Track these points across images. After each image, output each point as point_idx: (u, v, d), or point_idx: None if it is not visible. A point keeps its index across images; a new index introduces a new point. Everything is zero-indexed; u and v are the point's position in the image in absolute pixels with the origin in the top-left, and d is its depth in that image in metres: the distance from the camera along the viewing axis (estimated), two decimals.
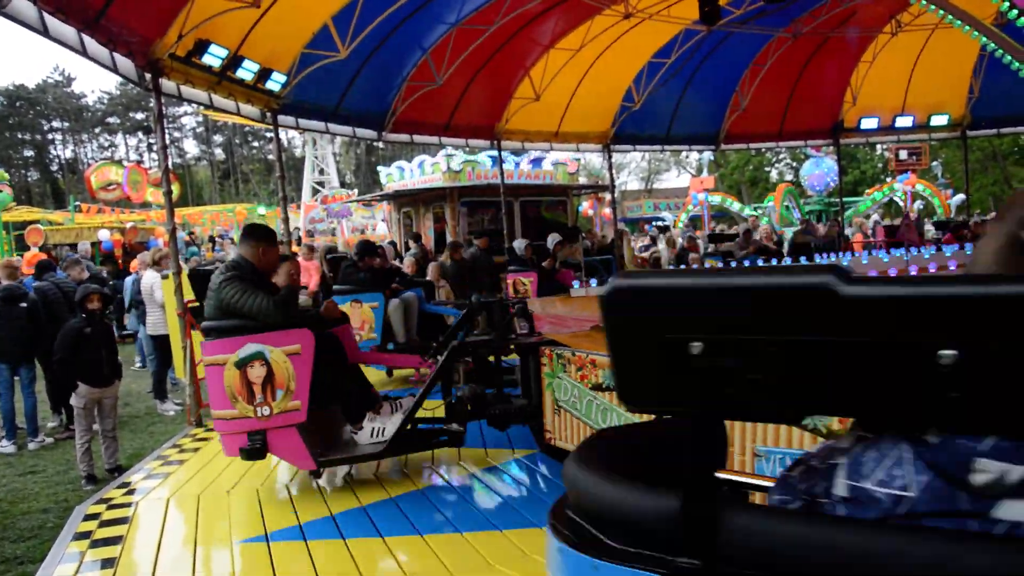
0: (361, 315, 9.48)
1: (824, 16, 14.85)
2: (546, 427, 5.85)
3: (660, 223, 33.88)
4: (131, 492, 5.91)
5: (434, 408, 5.90)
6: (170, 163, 8.63)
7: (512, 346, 6.16)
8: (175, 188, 9.45)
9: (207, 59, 9.06)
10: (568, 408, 5.58)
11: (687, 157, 55.89)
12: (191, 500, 5.60)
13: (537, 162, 18.97)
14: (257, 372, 5.22)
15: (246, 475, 6.10)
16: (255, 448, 5.27)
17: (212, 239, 27.12)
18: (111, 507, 5.55)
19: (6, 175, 29.55)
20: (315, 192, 38.70)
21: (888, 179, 34.09)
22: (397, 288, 10.06)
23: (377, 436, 5.59)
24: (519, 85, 14.80)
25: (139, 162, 51.31)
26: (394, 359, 8.36)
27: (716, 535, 1.05)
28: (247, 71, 9.93)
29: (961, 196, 29.91)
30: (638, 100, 15.89)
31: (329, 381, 5.54)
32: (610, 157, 17.93)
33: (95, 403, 7.09)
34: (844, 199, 26.30)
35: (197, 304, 8.30)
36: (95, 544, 4.84)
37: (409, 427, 5.54)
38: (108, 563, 4.51)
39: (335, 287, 10.00)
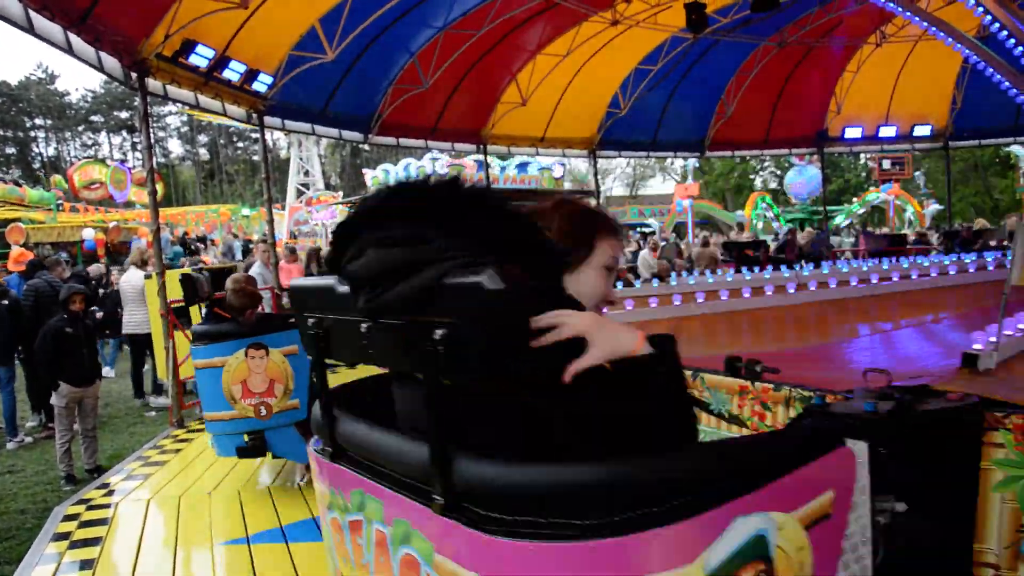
0: (267, 369, 5.60)
1: (810, 26, 14.98)
2: (984, 558, 3.04)
3: (644, 229, 34.03)
4: (111, 493, 5.87)
5: None
6: (154, 163, 8.59)
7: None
8: (159, 188, 9.44)
9: (194, 59, 9.04)
10: None
11: (672, 164, 56.11)
12: (171, 501, 5.58)
13: (523, 167, 19.02)
14: None
15: (227, 477, 6.08)
16: None
17: (199, 240, 26.94)
18: (90, 508, 5.52)
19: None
20: (300, 194, 38.57)
21: (871, 188, 34.35)
22: None
23: None
24: (506, 90, 14.83)
25: (123, 161, 51.04)
26: None
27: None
28: (234, 72, 9.91)
29: (936, 206, 30.25)
30: (624, 106, 15.95)
31: None
32: (596, 163, 17.98)
33: (76, 403, 7.04)
34: (828, 207, 26.52)
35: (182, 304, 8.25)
36: (74, 545, 4.81)
37: None
38: (87, 564, 4.48)
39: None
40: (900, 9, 11.06)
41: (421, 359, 1.39)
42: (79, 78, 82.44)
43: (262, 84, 10.62)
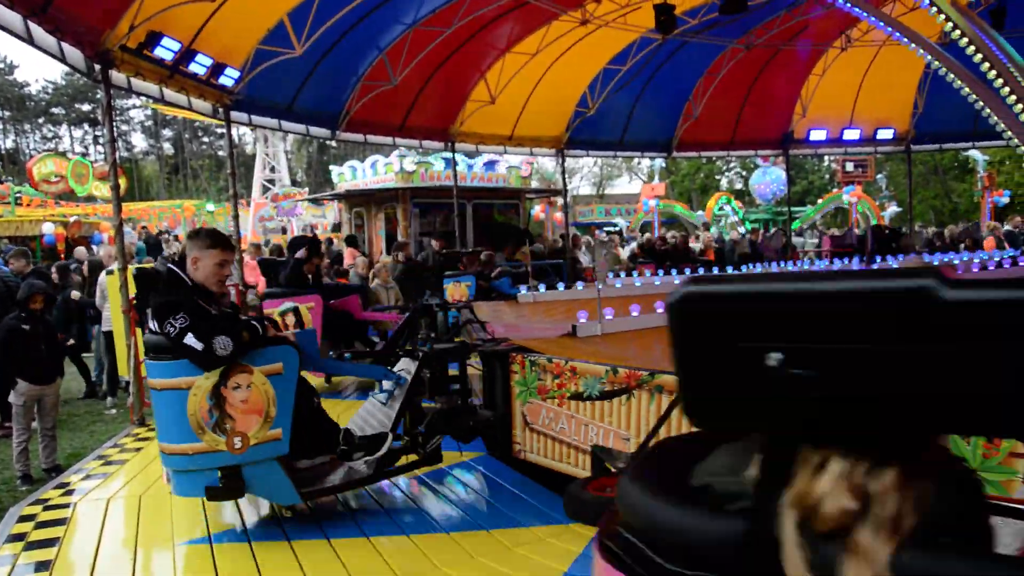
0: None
1: (777, 28, 15.12)
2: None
3: (611, 228, 34.17)
4: (69, 493, 5.76)
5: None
6: (117, 157, 8.44)
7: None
8: (122, 182, 9.25)
9: (159, 52, 8.89)
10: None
11: (638, 163, 56.35)
12: (132, 501, 5.48)
13: (491, 165, 19.00)
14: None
15: None
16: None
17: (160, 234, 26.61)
18: (47, 508, 5.41)
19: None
20: (265, 190, 38.24)
21: (835, 190, 34.78)
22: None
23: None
24: (474, 88, 14.81)
25: (84, 155, 50.25)
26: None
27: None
28: (200, 65, 9.77)
29: (894, 208, 30.74)
30: (593, 106, 16.00)
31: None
32: (563, 162, 18.00)
33: (35, 401, 6.92)
34: (792, 208, 26.81)
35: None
36: (30, 546, 4.71)
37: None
38: (43, 566, 4.39)
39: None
40: (865, 14, 11.20)
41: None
42: (39, 69, 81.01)
43: (229, 78, 10.49)
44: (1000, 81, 9.81)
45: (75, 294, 10.77)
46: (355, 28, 11.82)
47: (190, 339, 4.21)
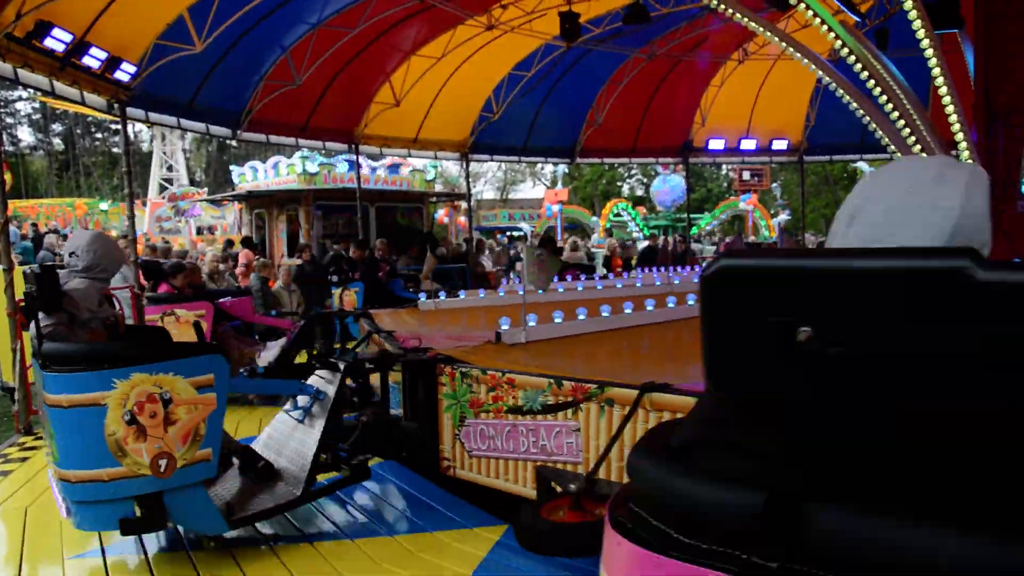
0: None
1: (678, 40, 15.53)
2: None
3: (514, 232, 34.43)
4: None
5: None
6: (2, 151, 8.08)
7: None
8: (7, 178, 8.81)
9: (49, 43, 8.55)
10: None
11: (542, 169, 56.86)
12: (16, 514, 5.24)
13: (394, 168, 18.92)
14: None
15: None
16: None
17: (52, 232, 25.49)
18: None
19: None
20: (163, 189, 37.14)
21: (731, 197, 35.85)
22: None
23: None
24: (379, 90, 14.72)
25: None
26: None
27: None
28: (94, 59, 9.44)
29: (783, 217, 32.00)
30: (497, 111, 16.10)
31: None
32: (467, 166, 18.05)
33: None
34: (691, 215, 27.55)
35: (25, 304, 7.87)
36: None
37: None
38: None
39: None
40: (761, 29, 11.61)
41: None
42: None
43: (125, 73, 10.16)
44: (884, 98, 10.34)
45: None
46: (258, 26, 11.61)
47: None
